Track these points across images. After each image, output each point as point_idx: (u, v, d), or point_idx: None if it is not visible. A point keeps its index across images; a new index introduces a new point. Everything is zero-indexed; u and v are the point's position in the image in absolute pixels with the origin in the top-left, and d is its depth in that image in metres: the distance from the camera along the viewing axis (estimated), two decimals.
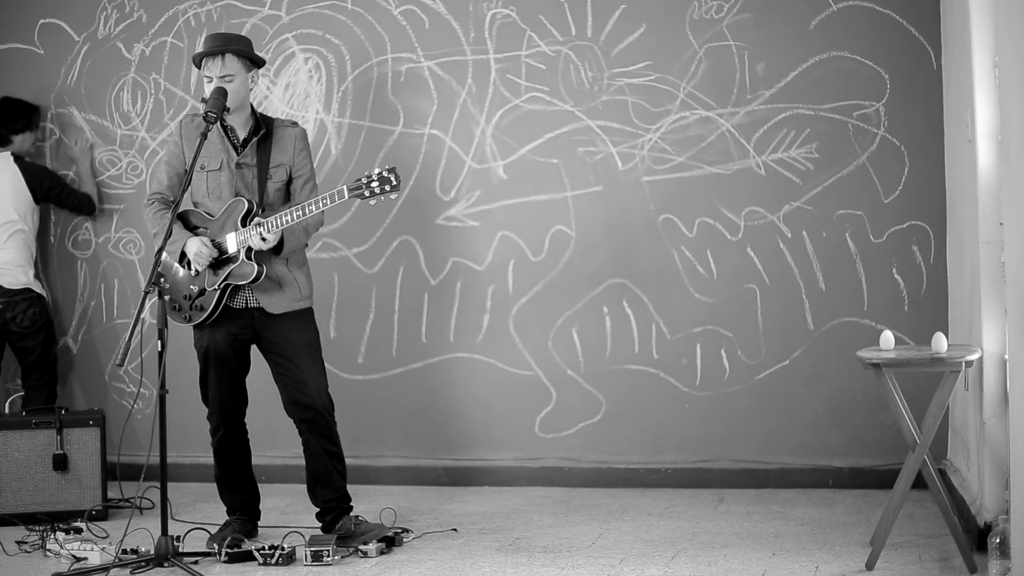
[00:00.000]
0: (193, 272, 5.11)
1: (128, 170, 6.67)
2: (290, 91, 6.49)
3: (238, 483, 5.31)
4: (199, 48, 5.17)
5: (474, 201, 6.34)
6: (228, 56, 5.07)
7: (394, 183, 4.91)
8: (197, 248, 5.05)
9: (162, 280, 4.83)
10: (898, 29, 5.96)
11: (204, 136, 4.96)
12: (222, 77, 5.04)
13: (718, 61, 6.11)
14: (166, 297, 5.12)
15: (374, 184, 4.91)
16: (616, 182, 6.22)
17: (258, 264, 5.04)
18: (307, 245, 5.30)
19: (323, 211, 5.10)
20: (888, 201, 6.01)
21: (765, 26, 6.07)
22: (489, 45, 6.32)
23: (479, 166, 6.34)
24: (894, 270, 6.02)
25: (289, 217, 4.96)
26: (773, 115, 6.08)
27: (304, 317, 5.20)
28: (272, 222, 4.97)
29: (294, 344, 5.14)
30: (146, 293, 4.77)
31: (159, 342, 4.78)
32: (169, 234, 4.92)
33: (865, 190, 6.01)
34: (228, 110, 5.05)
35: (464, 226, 6.36)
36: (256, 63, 5.17)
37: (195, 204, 5.20)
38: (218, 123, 5.11)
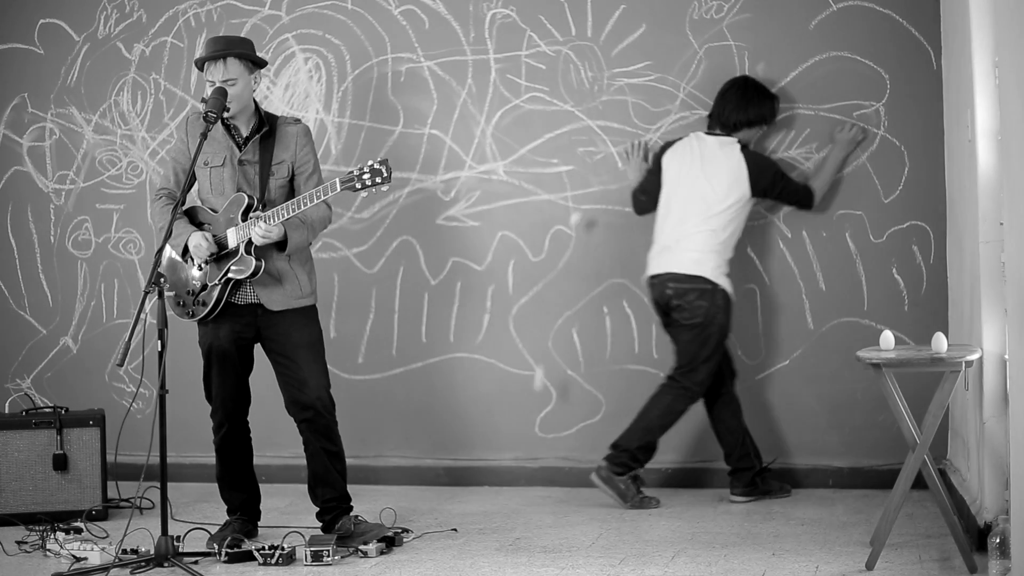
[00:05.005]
0: (196, 267, 5.12)
1: (128, 170, 6.67)
2: (290, 91, 6.49)
3: (239, 482, 5.31)
4: (200, 50, 5.17)
5: (474, 201, 6.34)
6: (230, 60, 5.08)
7: (385, 175, 4.92)
8: (197, 242, 5.06)
9: (162, 280, 4.83)
10: (898, 29, 5.96)
11: (204, 136, 4.97)
12: (225, 81, 5.05)
13: (718, 61, 6.11)
14: (171, 293, 5.14)
15: (365, 176, 4.93)
16: (616, 182, 6.22)
17: (257, 259, 5.05)
18: (312, 243, 5.31)
19: (330, 210, 5.12)
20: (888, 201, 6.01)
21: (765, 26, 6.07)
22: (489, 45, 6.32)
23: (479, 166, 6.34)
24: (894, 270, 6.02)
25: (286, 211, 4.97)
26: None
27: (307, 315, 5.20)
28: (270, 216, 4.98)
29: (295, 343, 5.15)
30: (146, 293, 4.77)
31: (159, 342, 4.78)
32: (169, 233, 4.93)
33: (865, 190, 6.01)
34: (228, 110, 5.07)
35: (464, 226, 6.36)
36: (258, 64, 5.18)
37: (201, 200, 5.22)
38: (222, 121, 5.13)
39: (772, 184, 5.82)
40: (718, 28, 6.12)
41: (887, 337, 4.82)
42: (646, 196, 6.02)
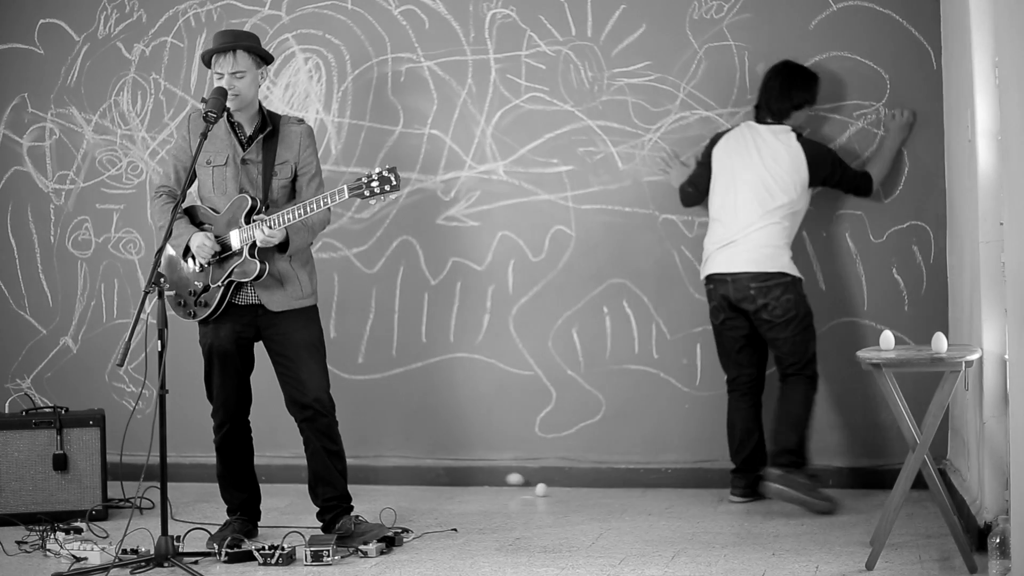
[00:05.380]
0: (198, 268, 5.12)
1: (128, 170, 6.67)
2: (290, 91, 6.49)
3: (240, 481, 5.31)
4: (205, 46, 5.18)
5: (474, 201, 6.34)
6: (239, 52, 5.08)
7: (394, 183, 4.92)
8: (200, 242, 5.06)
9: (162, 280, 4.83)
10: (898, 29, 5.96)
11: (204, 136, 4.97)
12: (233, 73, 5.05)
13: (718, 61, 6.11)
14: (171, 292, 5.14)
15: (374, 184, 4.92)
16: (616, 182, 6.22)
17: (261, 261, 5.05)
18: (312, 244, 5.31)
19: (329, 210, 5.11)
20: (888, 201, 6.01)
21: (765, 26, 6.07)
22: (489, 45, 6.32)
23: (479, 166, 6.34)
24: (894, 270, 6.02)
25: (291, 215, 4.97)
26: None
27: (307, 315, 5.20)
28: (275, 219, 4.98)
29: (296, 343, 5.15)
30: (146, 293, 4.77)
31: (159, 342, 4.78)
32: (169, 233, 4.93)
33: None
34: (228, 109, 5.07)
35: (464, 226, 6.36)
36: (265, 60, 5.19)
37: (202, 199, 5.21)
38: (225, 119, 5.12)
39: (832, 172, 5.77)
40: (718, 28, 6.12)
41: (887, 337, 4.82)
42: (694, 188, 5.96)
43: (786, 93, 5.77)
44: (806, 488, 5.55)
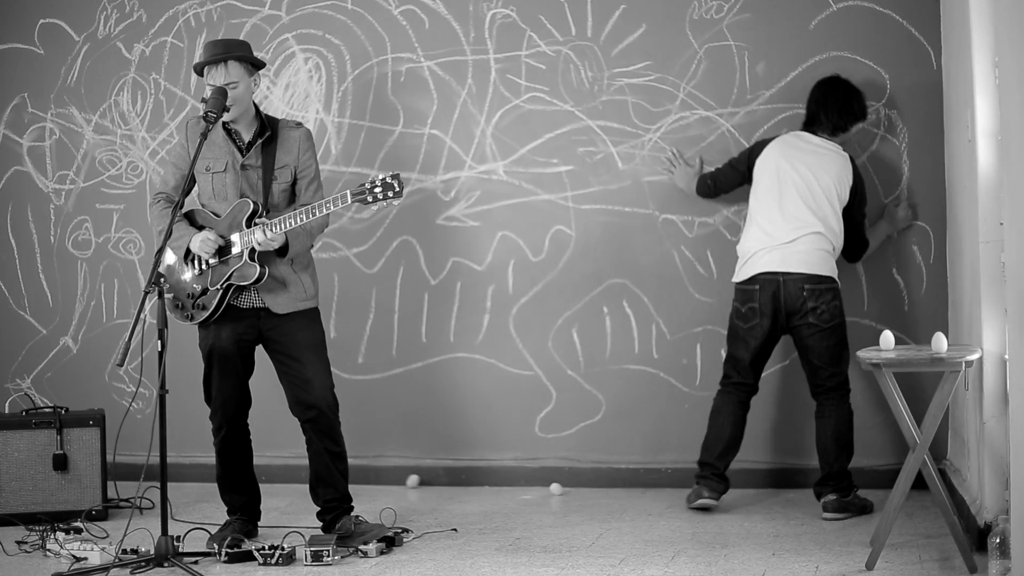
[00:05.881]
0: (197, 270, 5.12)
1: (128, 170, 6.67)
2: (290, 91, 6.49)
3: (239, 483, 5.31)
4: (199, 53, 5.18)
5: (474, 201, 6.34)
6: (231, 63, 5.08)
7: (397, 189, 4.92)
8: (203, 237, 5.07)
9: (162, 280, 4.83)
10: (898, 29, 5.96)
11: (204, 136, 4.97)
12: (227, 85, 5.06)
13: (718, 61, 6.11)
14: (169, 295, 5.14)
15: (377, 190, 4.93)
16: (616, 182, 6.22)
17: (261, 265, 5.05)
18: (312, 246, 5.31)
19: (328, 214, 5.11)
20: (888, 201, 6.01)
21: (765, 26, 6.07)
22: (489, 45, 6.32)
23: (479, 166, 6.34)
24: (894, 270, 6.02)
25: (293, 220, 4.97)
26: (773, 115, 6.08)
27: (310, 316, 5.21)
28: (276, 224, 4.98)
29: (300, 343, 5.15)
30: (146, 293, 4.77)
31: (159, 342, 4.78)
32: (169, 235, 4.93)
33: (865, 190, 6.01)
34: (228, 109, 5.07)
35: (464, 226, 6.36)
36: (257, 66, 5.19)
37: (202, 205, 5.22)
38: (222, 125, 5.13)
39: (859, 210, 5.70)
40: (718, 28, 6.12)
41: (887, 337, 4.82)
42: (714, 183, 5.92)
43: (847, 106, 5.70)
44: (861, 510, 5.53)
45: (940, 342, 4.62)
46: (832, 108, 5.70)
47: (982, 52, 4.83)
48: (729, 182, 5.89)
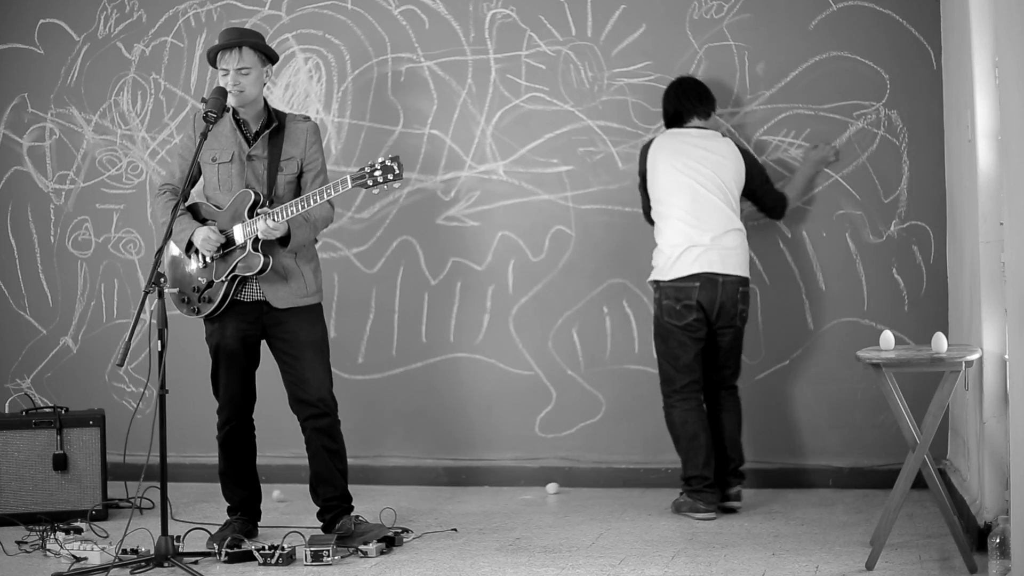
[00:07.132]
0: (202, 263, 5.12)
1: (128, 170, 6.67)
2: (290, 91, 6.49)
3: (242, 478, 5.31)
4: (206, 46, 5.18)
5: (474, 201, 6.34)
6: (245, 49, 5.08)
7: (396, 172, 4.92)
8: (205, 235, 5.07)
9: (162, 280, 4.83)
10: (898, 29, 5.97)
11: (204, 136, 4.98)
12: (238, 70, 5.05)
13: (718, 61, 6.11)
14: (175, 290, 5.15)
15: (377, 173, 4.93)
16: (616, 182, 6.22)
17: (264, 255, 5.05)
18: (316, 241, 5.31)
19: (333, 209, 5.13)
20: (888, 201, 6.01)
21: (765, 26, 6.08)
22: (489, 45, 6.32)
23: (479, 166, 6.34)
24: (894, 270, 6.02)
25: (294, 208, 4.97)
26: (773, 115, 6.08)
27: (312, 314, 5.21)
28: (277, 212, 4.98)
29: (301, 341, 5.15)
30: (146, 293, 4.78)
31: (159, 342, 4.78)
32: (170, 232, 4.93)
33: (865, 190, 6.01)
34: (228, 109, 5.08)
35: (464, 226, 6.36)
36: (271, 58, 5.19)
37: (207, 197, 5.22)
38: (231, 116, 5.13)
39: (761, 182, 5.75)
40: (718, 28, 6.12)
41: (887, 337, 4.82)
42: (646, 211, 5.79)
43: (705, 94, 5.74)
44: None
45: (940, 342, 4.62)
46: (693, 97, 5.72)
47: (982, 52, 4.83)
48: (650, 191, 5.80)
